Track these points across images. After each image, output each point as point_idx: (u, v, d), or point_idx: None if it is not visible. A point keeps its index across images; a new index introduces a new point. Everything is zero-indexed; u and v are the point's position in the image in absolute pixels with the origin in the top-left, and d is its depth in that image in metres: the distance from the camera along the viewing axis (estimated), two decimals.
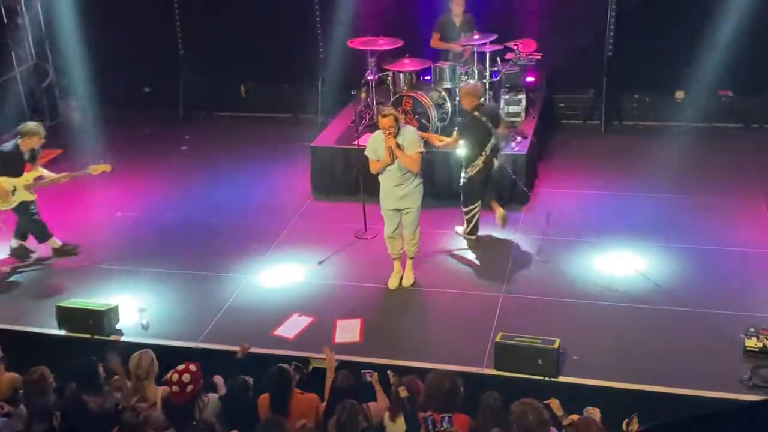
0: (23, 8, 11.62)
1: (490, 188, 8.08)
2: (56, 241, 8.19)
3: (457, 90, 8.90)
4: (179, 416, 5.26)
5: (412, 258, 7.39)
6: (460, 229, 8.19)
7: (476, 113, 7.70)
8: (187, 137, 10.99)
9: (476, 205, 7.95)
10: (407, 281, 7.39)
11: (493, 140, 7.76)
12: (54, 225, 8.20)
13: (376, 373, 5.65)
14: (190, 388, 5.31)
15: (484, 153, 7.74)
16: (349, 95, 10.00)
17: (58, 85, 12.18)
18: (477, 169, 7.79)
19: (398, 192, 7.06)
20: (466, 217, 8.04)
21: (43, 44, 12.00)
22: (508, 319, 6.79)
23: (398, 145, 6.82)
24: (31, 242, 8.21)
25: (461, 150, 7.84)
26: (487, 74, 9.18)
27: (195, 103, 11.83)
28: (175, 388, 5.30)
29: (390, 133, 6.78)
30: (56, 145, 10.86)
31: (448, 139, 8.08)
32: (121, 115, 11.64)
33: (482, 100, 8.00)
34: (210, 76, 11.62)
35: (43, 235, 8.12)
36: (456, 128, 8.07)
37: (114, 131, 11.28)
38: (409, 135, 6.91)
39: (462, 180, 7.93)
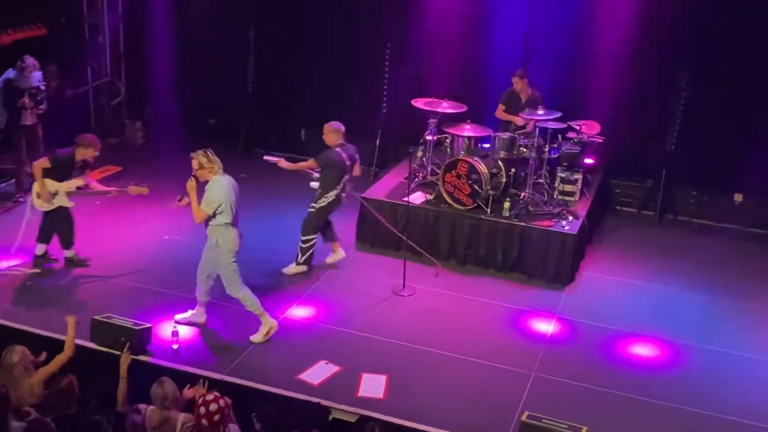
0: (106, 26, 12.04)
1: (332, 226, 8.61)
2: (71, 251, 8.39)
3: (515, 159, 9.01)
4: None
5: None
6: (289, 268, 8.49)
7: (339, 149, 8.24)
8: (243, 175, 11.13)
9: (315, 237, 8.43)
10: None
11: (346, 178, 8.31)
12: (102, 241, 8.34)
13: None
14: (217, 417, 5.26)
15: (337, 188, 8.25)
16: (405, 152, 10.06)
17: (127, 104, 12.52)
18: (329, 201, 8.31)
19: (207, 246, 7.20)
20: (303, 246, 8.42)
21: (120, 64, 12.38)
22: (536, 398, 6.66)
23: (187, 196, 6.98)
24: (52, 252, 8.37)
25: (315, 183, 8.36)
26: (547, 150, 9.19)
27: (255, 140, 12.02)
28: (204, 421, 5.25)
29: (193, 175, 6.97)
30: (116, 163, 11.16)
31: (304, 164, 8.49)
32: (183, 143, 11.86)
33: (344, 140, 8.47)
34: (273, 117, 11.83)
35: (67, 242, 8.34)
36: (315, 158, 8.34)
37: (174, 157, 11.49)
38: (211, 188, 6.96)
39: (310, 210, 8.37)
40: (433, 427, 6.23)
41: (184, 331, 7.25)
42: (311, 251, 8.46)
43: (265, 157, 8.79)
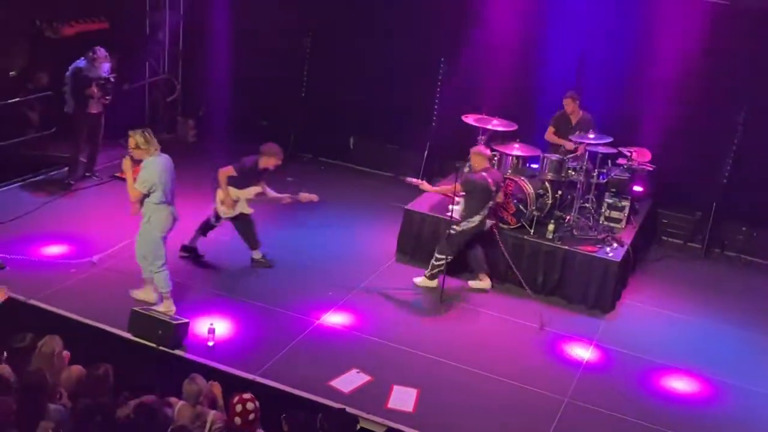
0: (166, 24, 12.27)
1: (481, 253, 8.52)
2: (258, 253, 8.64)
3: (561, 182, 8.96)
4: None
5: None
6: (418, 279, 8.49)
7: (484, 173, 8.16)
8: (289, 179, 11.23)
9: (448, 258, 8.28)
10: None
11: (491, 203, 8.22)
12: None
13: None
14: (252, 417, 5.28)
15: (482, 213, 8.18)
16: (452, 166, 10.03)
17: (181, 102, 12.72)
18: (471, 226, 8.22)
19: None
20: (435, 263, 8.35)
21: (177, 61, 12.60)
22: (567, 425, 6.57)
23: (134, 166, 7.06)
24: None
25: (458, 205, 8.33)
26: (595, 174, 9.09)
27: (304, 145, 12.12)
28: (237, 419, 5.28)
29: (128, 154, 7.07)
30: None
31: (447, 188, 8.50)
32: (233, 143, 12.02)
33: (492, 163, 8.49)
34: (323, 123, 11.92)
35: (253, 244, 8.61)
36: (461, 182, 8.23)
37: (223, 156, 11.65)
38: (145, 168, 7.05)
39: (452, 231, 8.27)
40: None
41: (221, 330, 7.31)
42: (440, 269, 8.33)
43: (408, 179, 8.79)
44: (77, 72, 9.98)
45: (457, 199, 8.44)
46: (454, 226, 8.31)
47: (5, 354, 5.82)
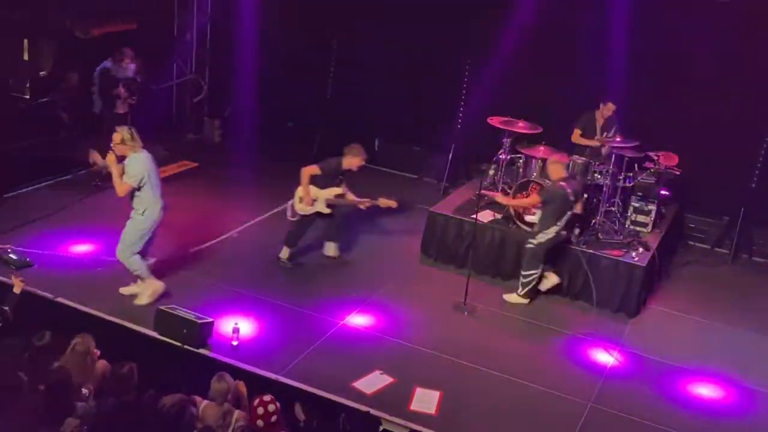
0: (194, 26, 12.37)
1: (550, 259, 8.30)
2: (332, 247, 8.72)
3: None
4: None
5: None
6: (510, 296, 8.34)
7: (563, 183, 7.97)
8: None
9: (537, 271, 8.18)
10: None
11: (569, 214, 8.00)
12: (176, 234, 8.50)
13: None
14: (274, 419, 5.31)
15: (560, 224, 7.99)
16: (476, 169, 10.04)
17: (207, 102, 12.82)
18: (548, 237, 8.04)
19: None
20: (524, 281, 8.23)
21: (204, 63, 12.70)
22: (589, 431, 6.52)
23: (119, 162, 7.15)
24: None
25: (536, 216, 8.19)
26: (622, 177, 9.02)
27: (329, 145, 12.11)
28: (260, 422, 5.30)
29: (112, 149, 7.13)
30: (193, 159, 11.46)
31: (526, 200, 8.37)
32: (258, 143, 12.12)
33: (570, 173, 8.32)
34: (348, 124, 11.91)
35: (290, 241, 8.60)
36: (539, 192, 8.17)
37: (248, 156, 11.80)
38: (132, 163, 7.16)
39: (530, 245, 8.11)
40: None
41: (245, 329, 7.35)
42: (532, 285, 8.24)
43: (483, 192, 8.65)
44: (104, 72, 10.10)
45: (534, 210, 8.33)
46: (531, 240, 8.14)
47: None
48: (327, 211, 8.39)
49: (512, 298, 8.38)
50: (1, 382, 5.43)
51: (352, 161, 8.36)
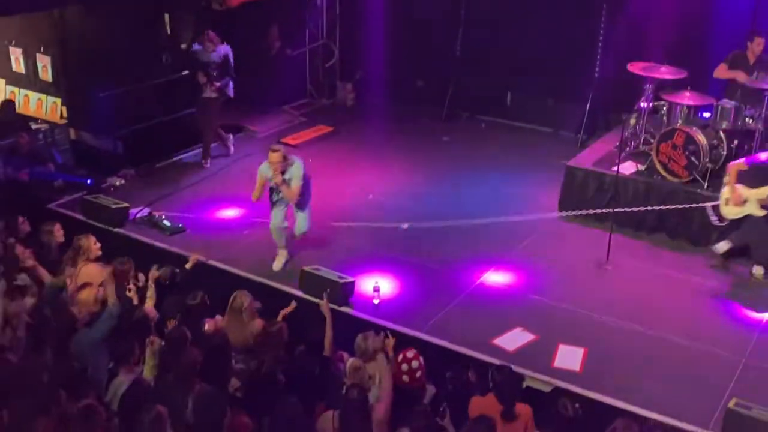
0: None
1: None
2: (760, 269, 7.75)
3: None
4: (407, 401, 5.38)
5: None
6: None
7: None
8: (445, 139, 11.22)
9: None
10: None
11: None
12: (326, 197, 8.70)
13: None
14: (419, 374, 5.41)
15: None
16: (616, 119, 9.65)
17: (339, 66, 12.97)
18: None
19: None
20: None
21: (335, 27, 12.83)
22: (745, 387, 6.23)
23: (284, 181, 7.44)
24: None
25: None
26: None
27: (461, 103, 12.04)
28: (405, 377, 5.41)
29: (276, 169, 7.38)
30: (328, 123, 11.67)
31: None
32: (390, 104, 12.18)
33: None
34: (479, 81, 11.75)
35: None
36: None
37: (382, 118, 11.89)
38: (295, 170, 7.50)
39: None
40: (633, 405, 6.02)
41: (385, 288, 7.47)
42: None
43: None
44: (191, 56, 10.10)
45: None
46: None
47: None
48: (761, 213, 7.48)
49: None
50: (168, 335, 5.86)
51: None
